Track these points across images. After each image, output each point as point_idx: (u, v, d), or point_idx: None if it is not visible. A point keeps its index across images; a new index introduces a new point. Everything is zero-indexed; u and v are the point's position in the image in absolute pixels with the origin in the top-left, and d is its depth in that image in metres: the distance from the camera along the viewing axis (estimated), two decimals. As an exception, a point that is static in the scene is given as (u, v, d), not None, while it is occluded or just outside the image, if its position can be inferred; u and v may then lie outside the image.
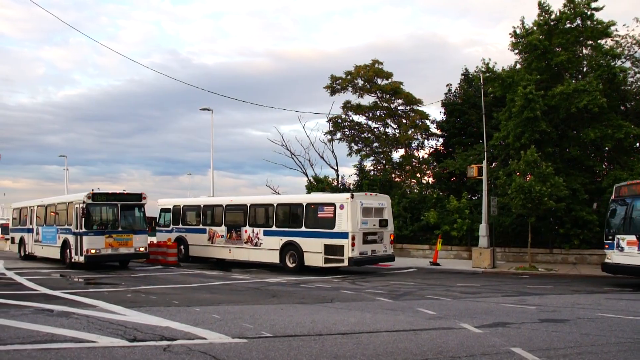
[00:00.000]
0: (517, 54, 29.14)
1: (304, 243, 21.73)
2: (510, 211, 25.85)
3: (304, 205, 22.36)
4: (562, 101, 25.35)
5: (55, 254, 24.95)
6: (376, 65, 37.61)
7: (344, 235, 20.56)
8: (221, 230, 25.51)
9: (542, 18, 27.11)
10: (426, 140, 39.25)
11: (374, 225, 21.75)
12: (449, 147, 35.62)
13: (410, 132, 37.80)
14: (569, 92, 24.77)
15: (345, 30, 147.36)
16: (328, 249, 20.94)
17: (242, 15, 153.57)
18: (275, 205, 23.81)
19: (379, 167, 39.03)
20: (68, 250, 23.55)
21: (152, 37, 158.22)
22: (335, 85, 38.46)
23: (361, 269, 22.67)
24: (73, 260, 23.06)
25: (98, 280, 18.83)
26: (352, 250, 20.34)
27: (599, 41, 27.13)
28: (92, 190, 23.09)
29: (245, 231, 24.39)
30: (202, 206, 27.27)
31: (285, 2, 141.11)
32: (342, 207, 20.90)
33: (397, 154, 39.53)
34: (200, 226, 26.74)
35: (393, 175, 37.45)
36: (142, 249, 23.65)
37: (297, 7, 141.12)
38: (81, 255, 22.33)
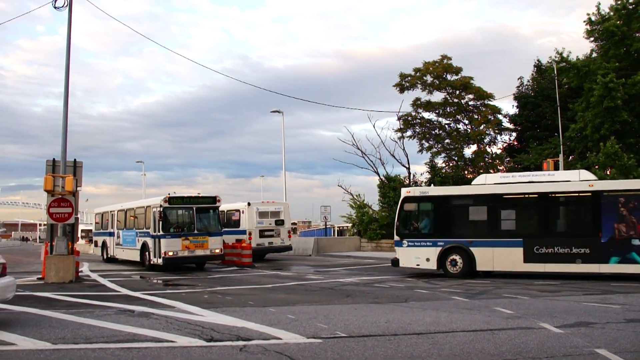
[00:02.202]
0: (592, 41, 28.10)
1: (227, 238, 26.91)
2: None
3: (225, 212, 29.45)
4: (643, 89, 24.21)
5: (135, 256, 25.80)
6: (445, 61, 37.05)
7: (244, 231, 28.73)
8: None
9: (619, 2, 25.96)
10: (499, 135, 38.41)
11: (270, 224, 29.62)
12: (522, 142, 34.76)
13: (482, 127, 37.04)
14: (651, 79, 23.62)
15: (412, 27, 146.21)
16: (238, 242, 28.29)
17: (309, 18, 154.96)
18: None
19: (451, 164, 38.44)
20: (147, 253, 24.27)
21: (222, 43, 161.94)
22: (405, 83, 38.09)
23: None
24: (152, 262, 23.74)
25: (176, 281, 19.32)
26: (250, 242, 27.81)
27: (684, 22, 25.75)
28: (169, 194, 23.71)
29: None
30: None
31: (351, 3, 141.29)
32: (242, 212, 29.15)
33: (469, 150, 38.86)
34: None
35: (465, 172, 36.79)
36: (217, 251, 24.10)
37: (363, 6, 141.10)
38: (159, 257, 22.98)
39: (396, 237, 20.68)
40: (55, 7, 20.53)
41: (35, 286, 17.66)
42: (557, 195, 18.78)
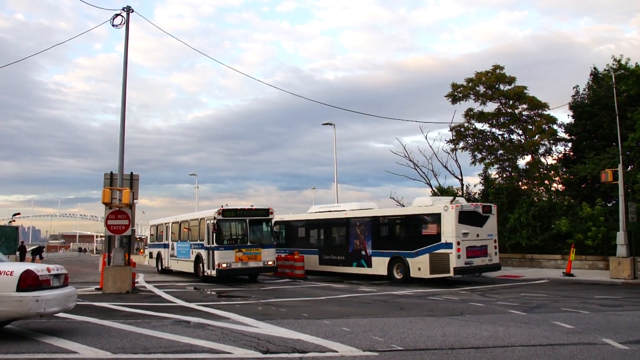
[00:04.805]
0: (653, 48, 27.12)
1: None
2: (651, 217, 24.04)
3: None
4: None
5: (189, 268, 26.16)
6: (497, 71, 36.46)
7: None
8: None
9: (681, 8, 25.10)
10: (554, 146, 37.48)
11: None
12: (578, 152, 33.84)
13: (536, 137, 36.22)
14: None
15: (463, 38, 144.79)
16: None
17: (359, 30, 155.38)
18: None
19: (504, 175, 37.74)
20: (201, 265, 24.57)
21: (273, 57, 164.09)
22: (457, 94, 37.64)
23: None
24: (205, 273, 24.00)
25: (229, 293, 19.50)
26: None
27: None
28: (222, 206, 23.98)
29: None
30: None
31: (400, 14, 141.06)
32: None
33: (523, 161, 38.03)
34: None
35: (519, 183, 36.06)
36: (270, 263, 24.21)
37: (412, 18, 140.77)
38: (213, 269, 23.20)
39: None
40: (113, 25, 21.14)
41: (94, 296, 18.09)
42: (330, 220, 27.75)
